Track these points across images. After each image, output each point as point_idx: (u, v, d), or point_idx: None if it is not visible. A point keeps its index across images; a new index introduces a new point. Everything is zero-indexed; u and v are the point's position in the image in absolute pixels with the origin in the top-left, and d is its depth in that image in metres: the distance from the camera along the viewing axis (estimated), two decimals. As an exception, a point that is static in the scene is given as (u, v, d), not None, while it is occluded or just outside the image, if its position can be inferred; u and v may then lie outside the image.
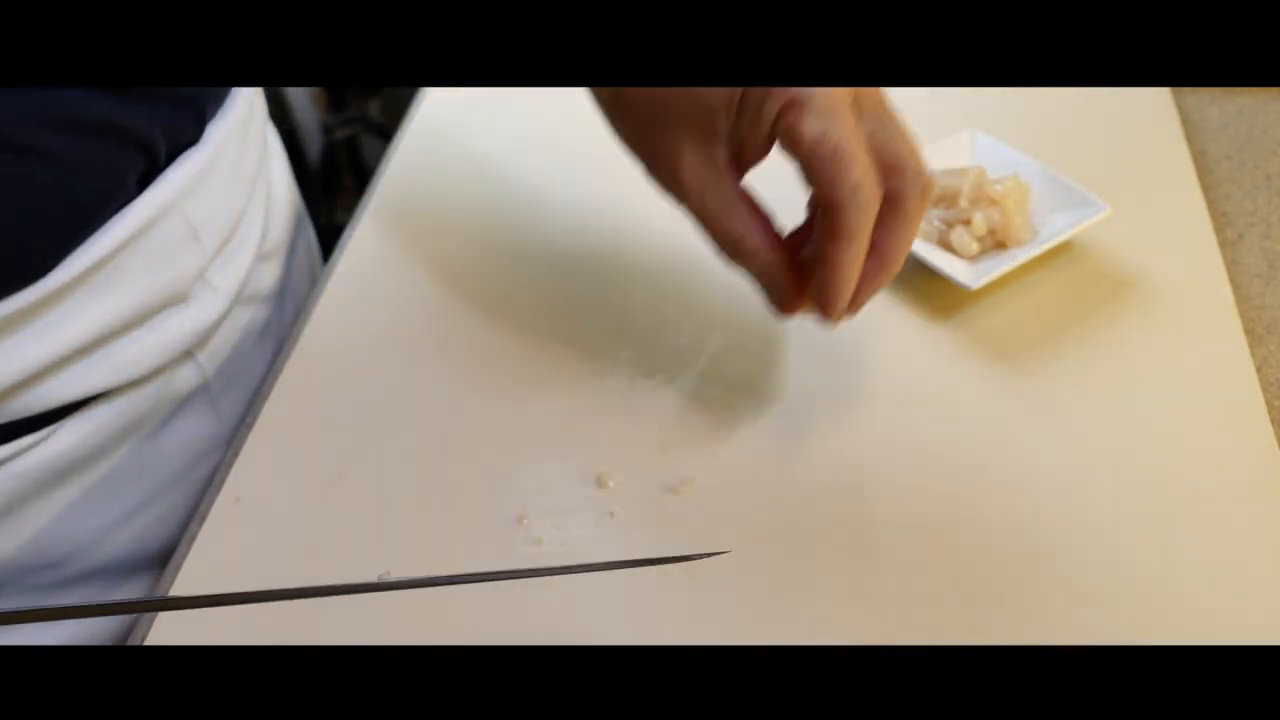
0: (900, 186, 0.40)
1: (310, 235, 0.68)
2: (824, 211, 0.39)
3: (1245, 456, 0.46)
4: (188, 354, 0.51)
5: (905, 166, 0.40)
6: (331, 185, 1.34)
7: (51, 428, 0.46)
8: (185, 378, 0.52)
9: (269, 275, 0.58)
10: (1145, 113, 0.64)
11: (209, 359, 0.53)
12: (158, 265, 0.47)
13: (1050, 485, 0.46)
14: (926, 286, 0.54)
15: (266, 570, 0.45)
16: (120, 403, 0.48)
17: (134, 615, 0.47)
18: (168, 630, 0.44)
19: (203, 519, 0.47)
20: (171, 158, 0.47)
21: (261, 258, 0.57)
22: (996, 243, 0.54)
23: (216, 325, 0.52)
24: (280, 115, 1.30)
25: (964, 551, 0.44)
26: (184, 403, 0.52)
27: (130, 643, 0.46)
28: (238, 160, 0.52)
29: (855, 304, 0.42)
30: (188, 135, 0.48)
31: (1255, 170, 0.61)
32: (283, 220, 0.61)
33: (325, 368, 0.54)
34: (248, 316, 0.56)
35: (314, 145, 1.34)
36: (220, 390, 0.54)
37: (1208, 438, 0.47)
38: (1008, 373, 0.51)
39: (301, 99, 1.31)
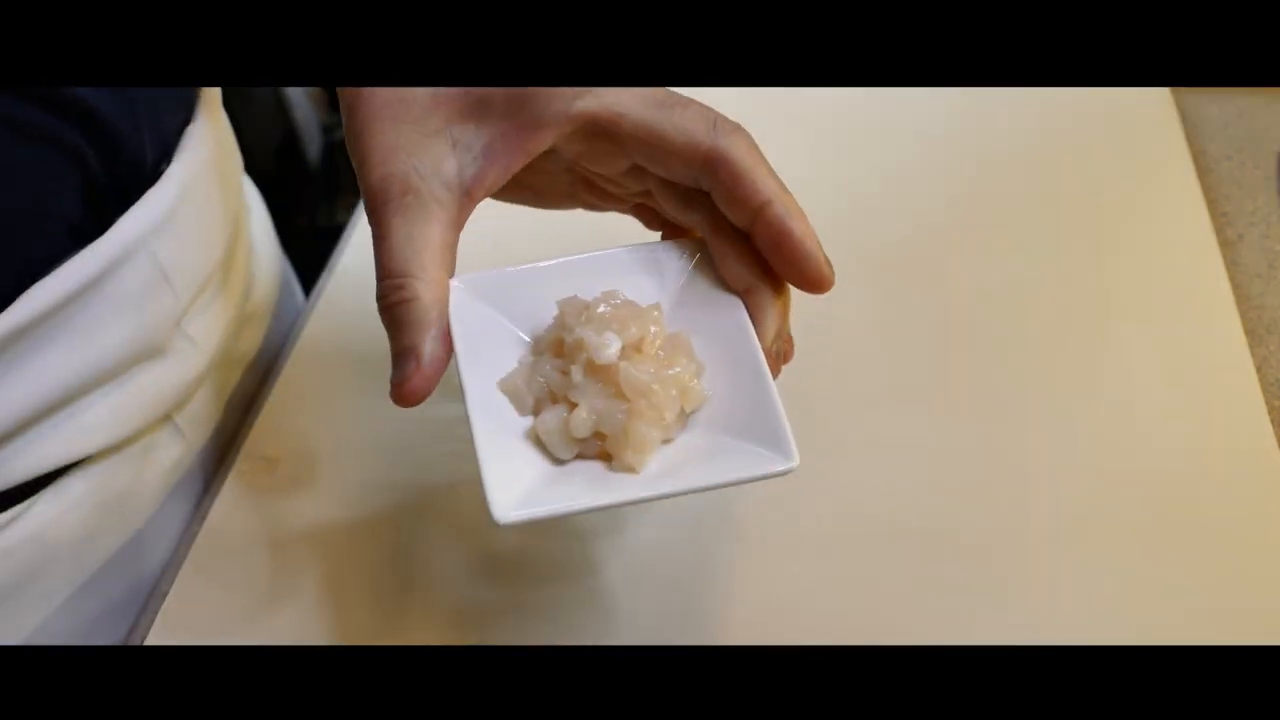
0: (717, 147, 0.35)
1: (300, 304, 0.64)
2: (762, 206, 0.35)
3: (1245, 456, 0.46)
4: (166, 418, 0.47)
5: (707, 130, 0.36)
6: (331, 185, 1.34)
7: (19, 507, 0.41)
8: (167, 446, 0.47)
9: (252, 338, 0.55)
10: (1145, 113, 0.64)
11: (190, 424, 0.48)
12: (126, 311, 0.42)
13: (1050, 485, 0.46)
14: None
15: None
16: (96, 474, 0.44)
17: (133, 616, 0.47)
18: (168, 630, 0.44)
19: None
20: (117, 178, 0.42)
21: (244, 319, 0.53)
22: (602, 452, 0.34)
23: (197, 385, 0.48)
24: (280, 115, 1.30)
25: (962, 552, 0.44)
26: (174, 478, 0.48)
27: (130, 643, 0.46)
28: (207, 203, 0.48)
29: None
30: (128, 151, 0.42)
31: (1255, 170, 0.61)
32: (268, 283, 0.58)
33: (324, 367, 0.54)
34: (231, 381, 0.52)
35: (314, 145, 1.34)
36: (214, 466, 0.51)
37: (1208, 438, 0.47)
38: (1008, 373, 0.51)
39: (301, 99, 1.31)
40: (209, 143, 0.48)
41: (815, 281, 0.35)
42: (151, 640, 0.44)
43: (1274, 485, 0.45)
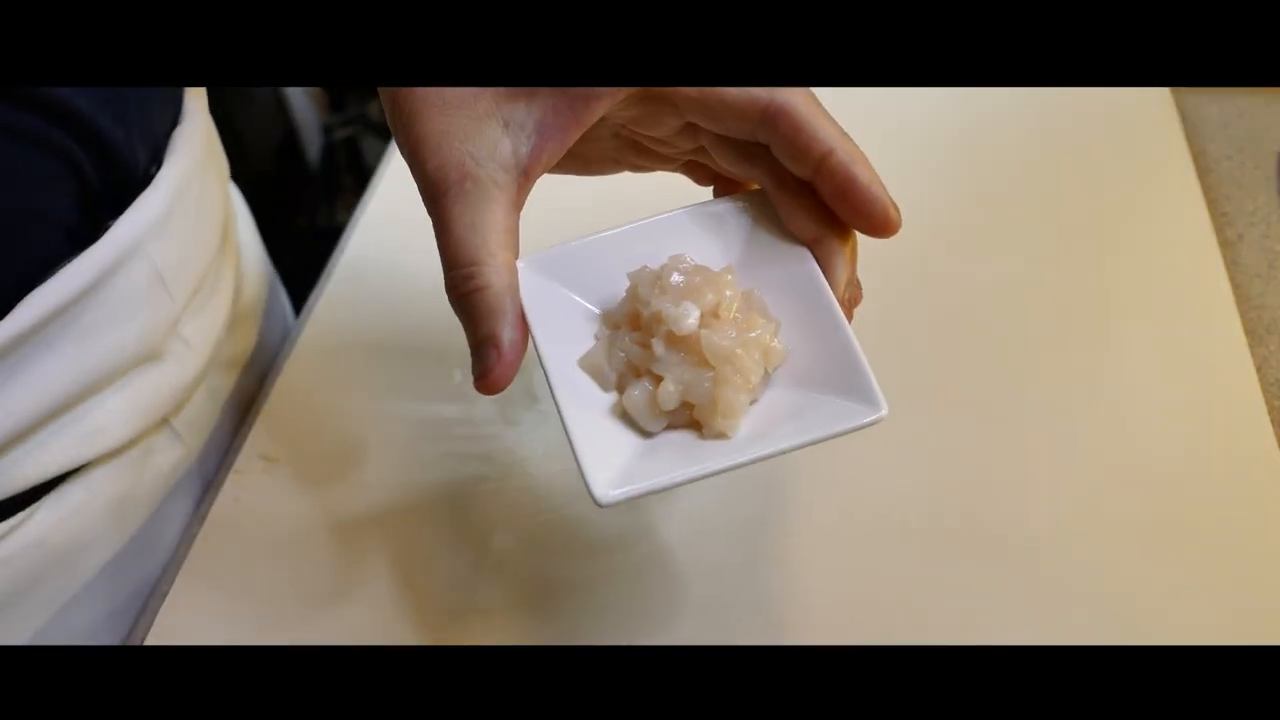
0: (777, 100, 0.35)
1: (285, 304, 0.65)
2: (822, 158, 0.35)
3: (1245, 457, 0.46)
4: (164, 421, 0.47)
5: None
6: (331, 185, 1.34)
7: (20, 515, 0.41)
8: (165, 450, 0.47)
9: (244, 339, 0.55)
10: (1145, 113, 0.64)
11: (187, 427, 0.48)
12: (124, 315, 0.42)
13: (1050, 485, 0.46)
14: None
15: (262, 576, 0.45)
16: (97, 480, 0.44)
17: (133, 616, 0.47)
18: (168, 630, 0.44)
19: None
20: (111, 183, 0.42)
21: (236, 320, 0.53)
22: (691, 421, 0.34)
23: (193, 387, 0.48)
24: (280, 115, 1.30)
25: (963, 551, 0.44)
26: (172, 482, 0.48)
27: (130, 643, 0.46)
28: (198, 204, 0.48)
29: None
30: (121, 155, 0.42)
31: (1255, 170, 0.61)
32: (255, 283, 0.58)
33: (324, 366, 0.54)
34: (225, 383, 0.53)
35: (314, 145, 1.34)
36: (212, 468, 0.51)
37: (1208, 438, 0.47)
38: (1008, 372, 0.51)
39: (301, 99, 1.31)
40: (197, 144, 0.48)
41: (882, 226, 0.35)
42: (151, 640, 0.44)
43: (1274, 485, 0.45)
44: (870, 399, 0.33)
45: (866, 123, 0.65)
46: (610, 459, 0.33)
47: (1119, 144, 0.63)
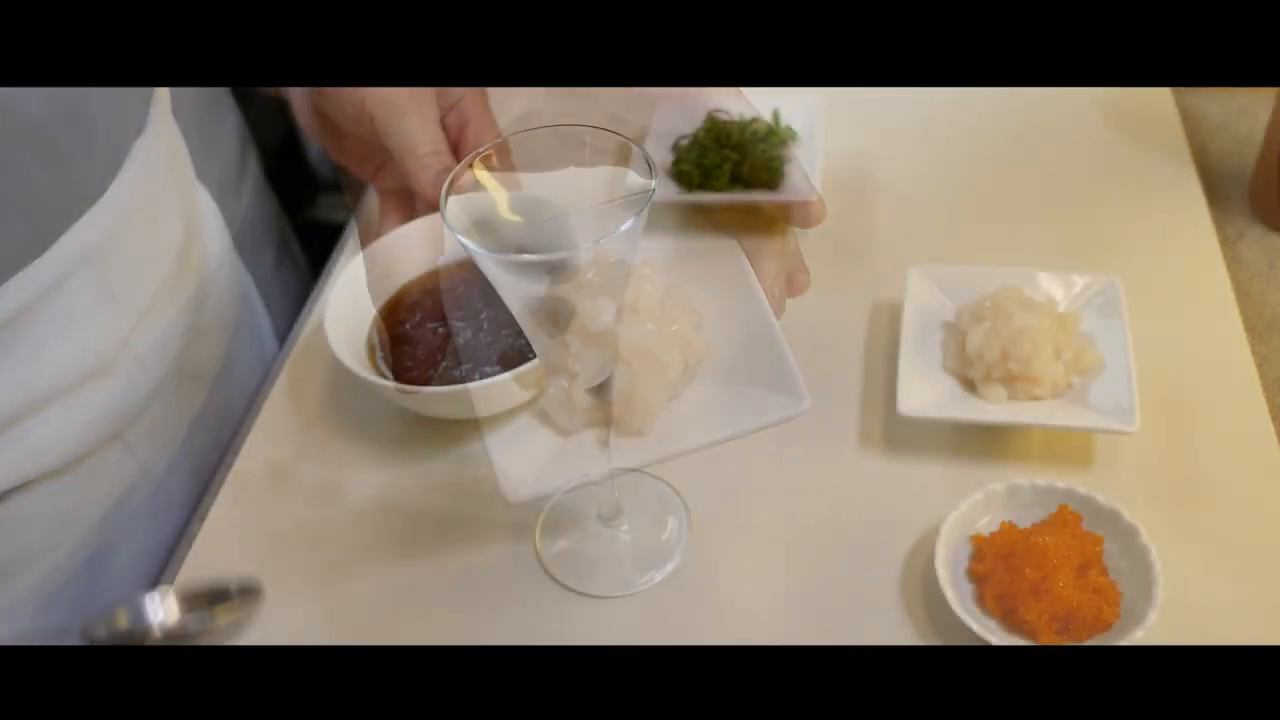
0: None
1: (263, 319, 0.62)
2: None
3: (1245, 455, 0.46)
4: (116, 436, 0.45)
5: None
6: (332, 185, 1.34)
7: None
8: (118, 465, 0.46)
9: (209, 352, 0.53)
10: (1145, 113, 0.64)
11: (141, 442, 0.47)
12: (71, 329, 0.41)
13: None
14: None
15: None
16: (43, 496, 0.42)
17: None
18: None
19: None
20: (63, 195, 0.41)
21: (198, 333, 0.51)
22: (609, 418, 0.34)
23: (146, 403, 0.46)
24: (280, 115, 1.30)
25: (965, 550, 0.44)
26: (128, 497, 0.47)
27: (131, 643, 0.46)
28: (155, 218, 0.46)
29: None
30: (76, 167, 0.41)
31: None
32: (224, 295, 0.55)
33: (323, 366, 0.54)
34: (186, 397, 0.51)
35: (314, 145, 1.33)
36: (177, 484, 0.49)
37: (1208, 435, 0.47)
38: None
39: (302, 99, 1.31)
40: (158, 156, 0.46)
41: (805, 218, 0.35)
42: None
43: (1274, 483, 0.45)
44: (794, 391, 0.32)
45: (867, 122, 0.65)
46: (526, 458, 0.32)
47: (1119, 144, 0.63)
